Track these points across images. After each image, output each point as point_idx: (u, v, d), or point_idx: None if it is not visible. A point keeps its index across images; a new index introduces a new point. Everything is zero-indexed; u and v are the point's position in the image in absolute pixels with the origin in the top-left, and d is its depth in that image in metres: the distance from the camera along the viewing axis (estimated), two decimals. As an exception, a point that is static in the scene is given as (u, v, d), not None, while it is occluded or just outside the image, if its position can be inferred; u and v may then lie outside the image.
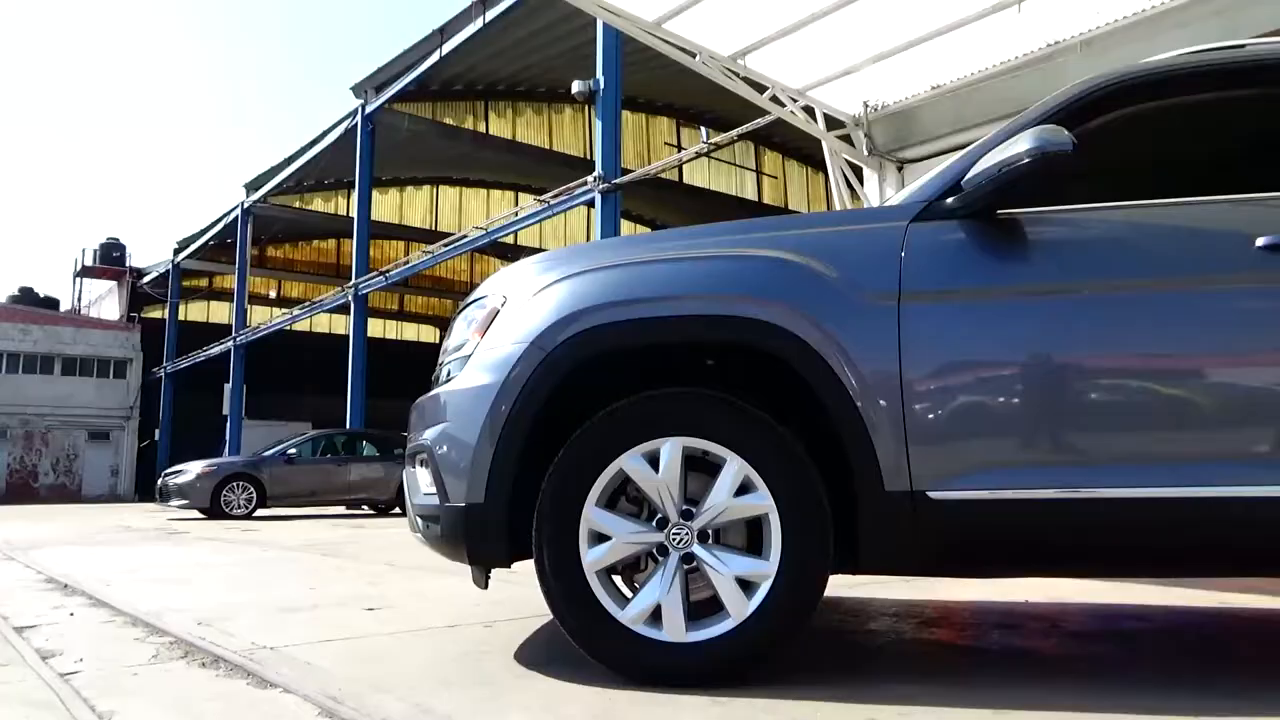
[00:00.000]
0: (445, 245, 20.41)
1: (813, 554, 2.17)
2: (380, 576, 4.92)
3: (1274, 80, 2.40)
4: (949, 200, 2.31)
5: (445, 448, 2.42)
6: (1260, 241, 2.11)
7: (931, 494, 2.12)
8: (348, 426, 19.92)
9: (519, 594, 3.80)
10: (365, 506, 15.15)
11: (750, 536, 2.27)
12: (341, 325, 28.72)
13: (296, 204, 29.06)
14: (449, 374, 2.55)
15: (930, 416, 2.16)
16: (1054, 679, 2.32)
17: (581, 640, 2.24)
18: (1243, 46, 2.48)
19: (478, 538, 2.34)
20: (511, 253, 27.25)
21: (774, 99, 7.35)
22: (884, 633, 3.02)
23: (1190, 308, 2.14)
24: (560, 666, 2.40)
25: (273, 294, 33.54)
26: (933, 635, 3.01)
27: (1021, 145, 2.13)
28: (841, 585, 3.95)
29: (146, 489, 27.02)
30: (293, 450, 14.73)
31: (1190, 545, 2.14)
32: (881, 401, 2.16)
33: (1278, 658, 2.73)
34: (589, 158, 21.86)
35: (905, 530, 2.14)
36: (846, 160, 7.62)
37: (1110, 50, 5.95)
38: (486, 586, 2.54)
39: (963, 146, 2.71)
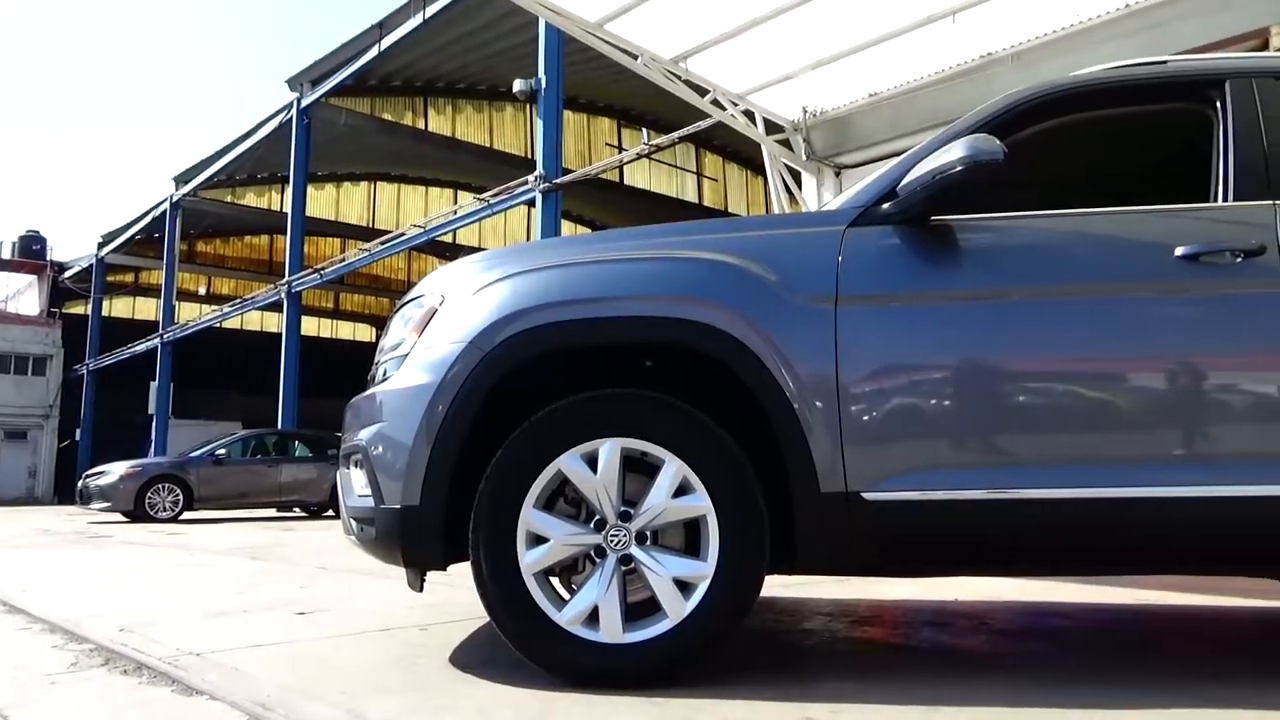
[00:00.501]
0: (382, 243, 20.10)
1: (749, 555, 2.18)
2: (312, 580, 4.83)
3: (1193, 96, 2.49)
4: (885, 206, 2.35)
5: (381, 448, 2.38)
6: (1179, 251, 2.19)
7: (866, 495, 2.16)
8: (279, 426, 19.49)
9: (455, 597, 3.76)
10: (297, 509, 14.83)
11: (688, 538, 2.28)
12: (274, 323, 28.09)
13: (228, 198, 28.33)
14: (385, 373, 2.51)
15: (865, 419, 2.19)
16: (983, 675, 2.38)
17: (518, 643, 2.22)
18: (1165, 63, 2.57)
19: (413, 540, 2.30)
20: (450, 251, 26.95)
21: (715, 102, 7.41)
22: (818, 632, 3.06)
23: (1114, 313, 2.21)
24: (496, 669, 2.38)
25: (202, 290, 32.63)
26: (865, 634, 3.06)
27: (954, 153, 2.18)
28: (777, 585, 3.99)
29: (66, 491, 26.06)
30: (221, 451, 14.34)
31: (1120, 544, 2.21)
32: (818, 404, 2.19)
33: (1197, 654, 2.83)
34: (530, 157, 21.72)
35: (840, 531, 2.17)
36: (785, 164, 7.72)
37: (1040, 63, 6.13)
38: (422, 589, 2.50)
39: (899, 153, 2.77)
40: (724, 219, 2.76)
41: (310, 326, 30.59)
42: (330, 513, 14.27)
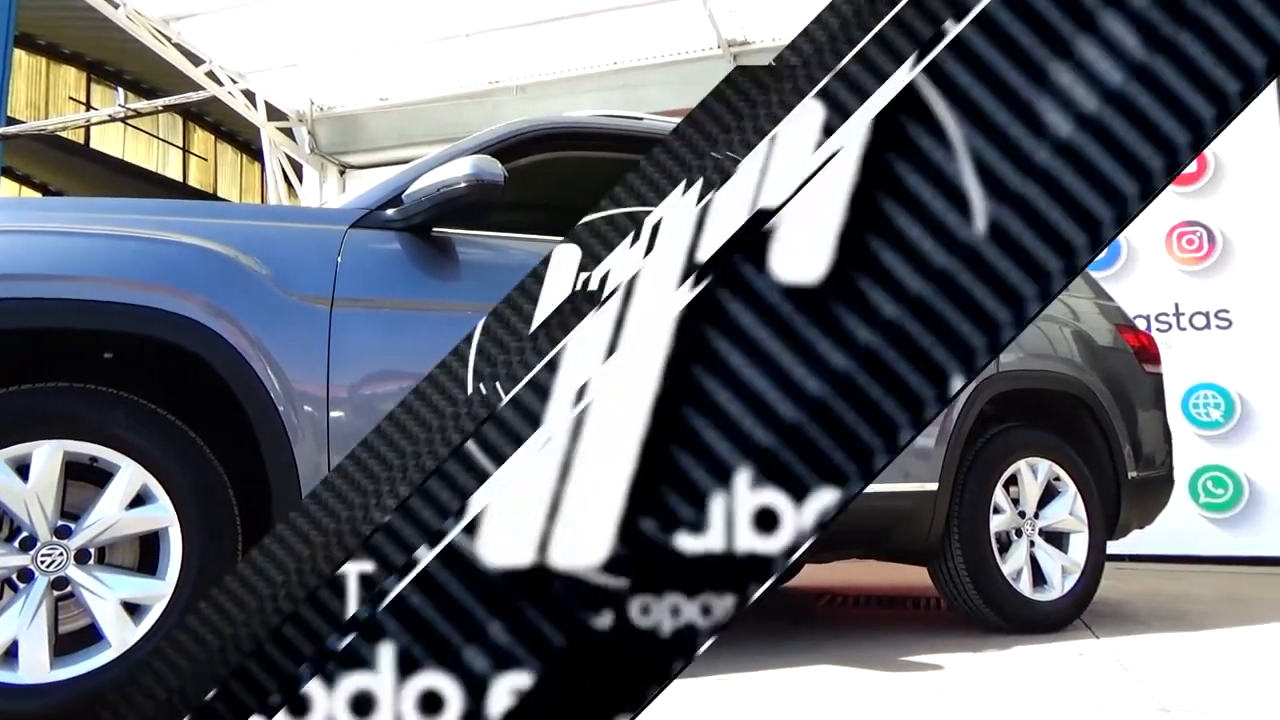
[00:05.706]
0: None
1: (218, 569, 2.00)
2: None
3: (660, 152, 2.89)
4: (389, 211, 2.35)
5: None
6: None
7: (350, 502, 2.12)
8: None
9: None
10: None
11: (144, 552, 2.02)
12: None
13: None
14: None
15: (356, 425, 2.15)
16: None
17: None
18: (641, 119, 2.96)
19: None
20: None
21: (211, 75, 6.83)
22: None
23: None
24: None
25: None
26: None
27: (459, 170, 2.25)
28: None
29: None
30: None
31: None
32: (306, 408, 2.10)
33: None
34: (-39, 96, 17.81)
35: (321, 539, 2.10)
36: (287, 155, 7.39)
37: (542, 98, 6.69)
38: None
39: (405, 161, 2.80)
40: (213, 202, 2.54)
41: None
42: None
